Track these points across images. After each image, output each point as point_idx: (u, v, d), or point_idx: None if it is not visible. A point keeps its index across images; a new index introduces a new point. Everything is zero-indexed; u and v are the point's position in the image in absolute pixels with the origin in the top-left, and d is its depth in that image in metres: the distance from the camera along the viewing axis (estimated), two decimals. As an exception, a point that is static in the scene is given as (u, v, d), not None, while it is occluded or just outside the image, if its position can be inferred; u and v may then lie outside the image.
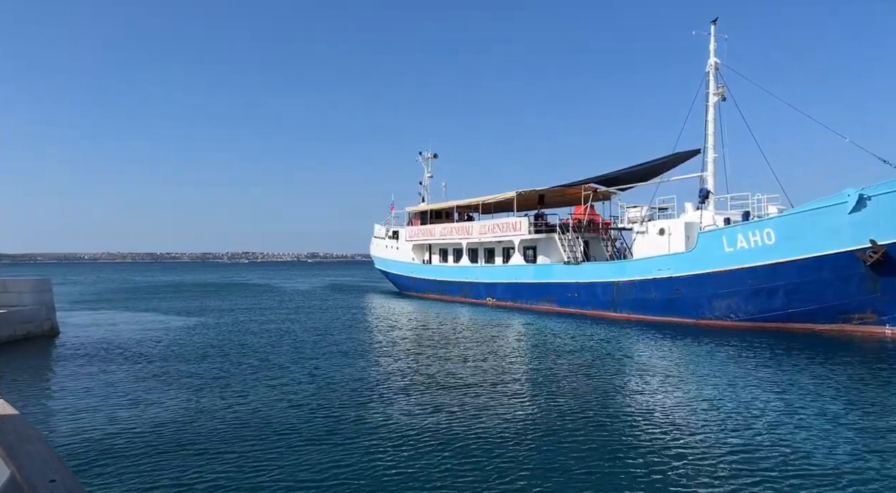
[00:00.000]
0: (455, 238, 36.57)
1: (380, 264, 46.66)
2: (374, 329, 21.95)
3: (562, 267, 28.17)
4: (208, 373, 13.40)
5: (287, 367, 14.21)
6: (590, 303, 26.64)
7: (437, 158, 44.87)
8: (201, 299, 39.48)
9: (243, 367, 14.12)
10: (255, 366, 14.23)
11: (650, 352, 16.57)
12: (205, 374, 13.28)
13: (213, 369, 13.94)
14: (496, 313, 28.36)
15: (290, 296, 41.97)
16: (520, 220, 31.42)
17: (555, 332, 20.99)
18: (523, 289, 30.47)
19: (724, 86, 24.71)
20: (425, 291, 39.48)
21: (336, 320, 24.91)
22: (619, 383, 12.29)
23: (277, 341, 18.69)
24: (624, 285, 24.99)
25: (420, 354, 16.18)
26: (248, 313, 28.76)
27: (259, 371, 13.54)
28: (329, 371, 13.55)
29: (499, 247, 34.15)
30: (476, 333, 20.90)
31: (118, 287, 56.39)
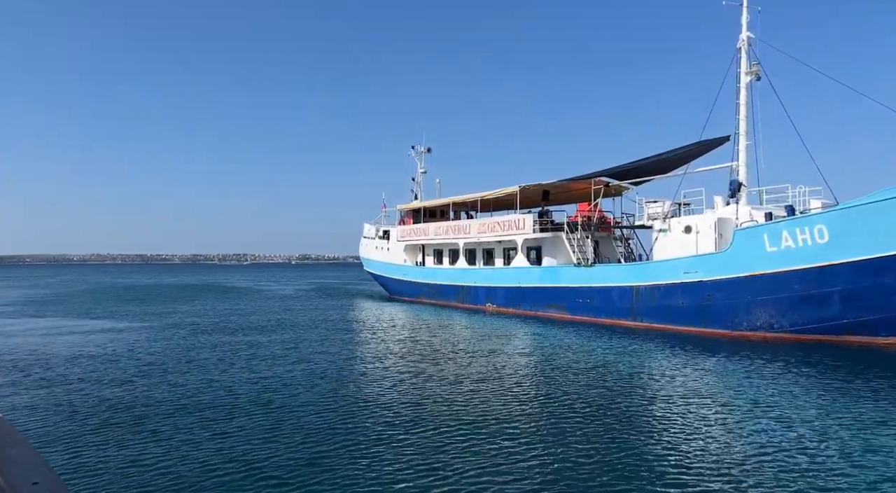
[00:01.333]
0: (451, 238, 33.41)
1: (369, 266, 43.41)
2: (355, 342, 18.75)
3: (572, 270, 25.06)
4: (119, 406, 10.15)
5: (234, 392, 11.00)
6: (604, 310, 23.54)
7: (430, 152, 41.76)
8: (171, 303, 36.09)
9: (169, 399, 10.86)
10: (185, 397, 10.97)
11: (680, 372, 13.79)
12: (115, 408, 10.04)
13: (128, 399, 10.69)
14: (497, 320, 25.24)
15: (270, 301, 38.64)
16: (523, 217, 28.30)
17: (565, 345, 17.93)
18: (527, 294, 27.35)
19: (759, 64, 21.73)
20: (418, 295, 36.28)
21: (312, 330, 21.67)
22: (648, 418, 9.74)
23: (231, 357, 15.43)
24: (645, 291, 21.91)
25: (406, 375, 13.05)
26: (212, 321, 25.46)
27: (186, 405, 10.30)
28: (286, 404, 10.35)
29: (499, 247, 31.03)
30: (474, 346, 17.78)
31: (87, 290, 52.80)
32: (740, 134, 21.83)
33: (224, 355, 15.85)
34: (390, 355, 16.09)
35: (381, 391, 11.51)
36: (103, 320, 25.85)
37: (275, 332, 21.18)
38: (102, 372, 13.38)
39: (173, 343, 18.28)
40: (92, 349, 16.99)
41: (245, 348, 17.09)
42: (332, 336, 19.97)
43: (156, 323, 24.19)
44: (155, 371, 13.55)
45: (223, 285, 61.44)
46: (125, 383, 12.21)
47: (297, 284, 65.18)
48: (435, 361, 15.01)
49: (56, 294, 46.96)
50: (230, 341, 18.65)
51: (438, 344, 18.06)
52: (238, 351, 16.57)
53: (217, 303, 36.44)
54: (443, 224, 34.63)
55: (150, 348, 17.37)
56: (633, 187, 28.84)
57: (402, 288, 38.40)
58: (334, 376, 13.04)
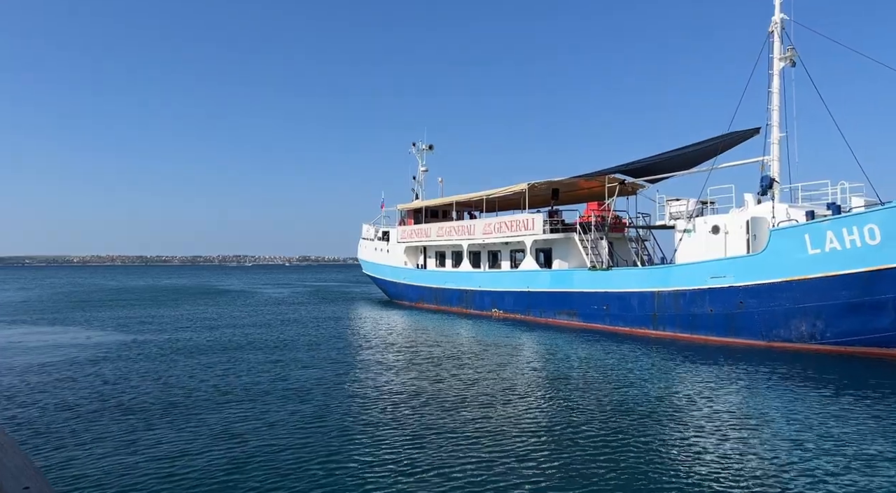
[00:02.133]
0: (454, 239, 31.48)
1: (368, 268, 41.48)
2: (347, 355, 16.81)
3: (586, 273, 23.12)
4: (103, 411, 8.24)
5: (200, 421, 9.07)
6: (622, 318, 21.59)
7: (432, 150, 39.86)
8: (156, 307, 34.16)
9: (129, 418, 8.94)
10: (140, 417, 9.05)
11: (710, 389, 12.04)
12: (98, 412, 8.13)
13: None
14: (503, 327, 23.30)
15: (262, 305, 36.70)
16: (532, 217, 26.37)
17: (580, 357, 16.02)
18: (537, 299, 25.40)
19: (794, 48, 19.81)
20: (419, 299, 34.34)
21: (299, 340, 19.71)
22: (679, 446, 8.21)
23: (201, 374, 13.48)
24: (668, 297, 19.97)
25: (401, 397, 11.11)
26: (195, 328, 23.53)
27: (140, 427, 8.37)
28: (257, 435, 8.41)
29: (506, 249, 29.09)
30: (479, 359, 15.87)
31: (73, 292, 50.90)
32: (773, 125, 19.90)
33: (192, 374, 13.91)
34: (385, 371, 14.16)
35: (373, 420, 9.58)
36: (109, 332, 24.00)
37: (256, 344, 19.25)
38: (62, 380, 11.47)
39: (140, 354, 16.37)
40: (55, 358, 15.07)
41: (219, 365, 15.15)
42: (322, 348, 18.03)
43: (158, 336, 22.29)
44: (104, 391, 11.63)
45: (216, 288, 59.55)
46: (93, 392, 10.29)
47: (294, 287, 63.22)
48: (436, 378, 13.08)
49: (60, 296, 45.09)
50: (203, 358, 16.72)
51: (440, 357, 16.13)
52: (211, 367, 14.64)
53: (203, 309, 34.50)
54: (445, 225, 32.71)
55: (108, 364, 15.45)
56: (648, 185, 26.96)
57: (402, 292, 36.47)
58: (319, 400, 11.10)
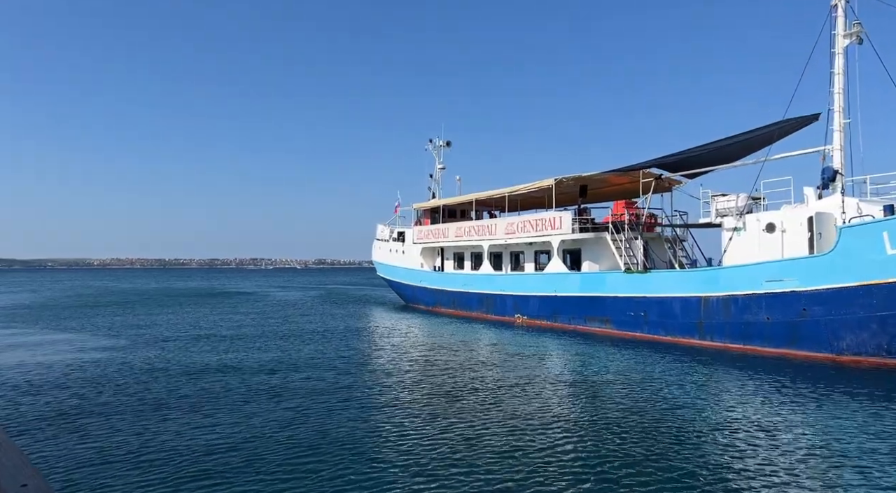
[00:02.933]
0: (474, 240, 29.52)
1: (382, 270, 39.64)
2: (356, 366, 14.93)
3: (621, 276, 21.02)
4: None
5: (176, 419, 7.23)
6: (662, 326, 19.47)
7: (450, 146, 37.93)
8: (162, 312, 32.63)
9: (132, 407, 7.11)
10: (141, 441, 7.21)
11: (776, 412, 10.05)
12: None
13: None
14: (528, 335, 21.30)
15: (272, 308, 35.00)
16: (560, 215, 24.32)
17: (617, 369, 14.06)
18: (565, 304, 23.34)
19: (860, 23, 17.60)
20: (436, 304, 32.41)
21: (305, 346, 17.88)
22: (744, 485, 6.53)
23: (185, 386, 11.68)
24: (717, 303, 17.82)
25: (415, 419, 9.26)
26: (191, 335, 21.84)
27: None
28: (253, 461, 6.54)
29: (529, 250, 27.06)
30: (501, 370, 14.02)
31: (81, 295, 49.75)
32: (835, 111, 17.68)
33: (184, 389, 12.11)
34: (398, 385, 12.27)
35: (382, 443, 7.74)
36: (102, 341, 22.47)
37: (261, 348, 17.45)
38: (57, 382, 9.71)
39: (138, 357, 14.63)
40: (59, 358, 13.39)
41: (213, 380, 13.34)
42: (329, 356, 16.17)
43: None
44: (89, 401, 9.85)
45: (226, 291, 58.22)
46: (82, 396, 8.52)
47: (307, 289, 61.67)
48: (454, 396, 11.19)
49: (66, 299, 43.95)
50: (200, 364, 14.94)
51: (458, 369, 14.20)
52: (199, 379, 12.84)
53: (211, 312, 32.90)
54: (464, 224, 30.77)
55: (108, 366, 13.72)
56: (685, 181, 24.79)
57: (418, 296, 34.57)
58: (321, 417, 9.24)
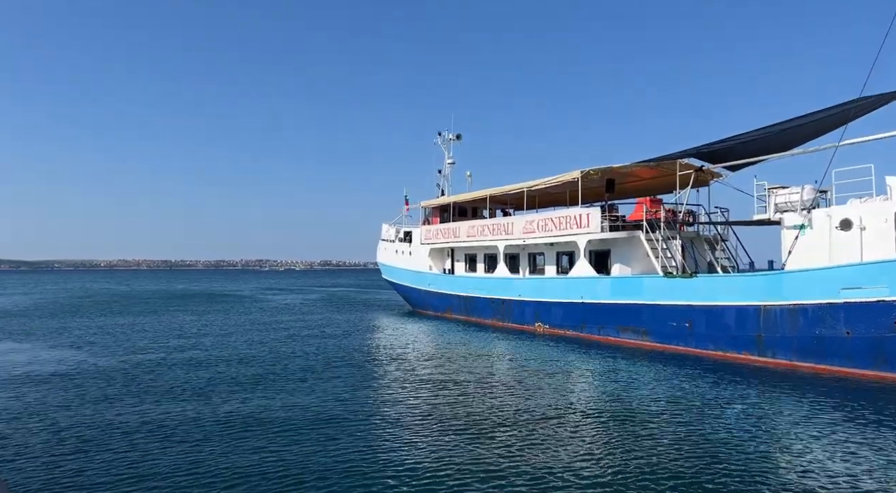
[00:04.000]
0: (487, 240, 26.91)
1: (387, 273, 37.07)
2: (353, 374, 12.36)
3: (661, 281, 18.36)
4: None
5: None
6: (712, 339, 16.80)
7: (460, 140, 35.37)
8: (145, 315, 30.16)
9: None
10: None
11: (877, 452, 7.62)
12: None
13: None
14: (550, 347, 18.71)
15: (268, 314, 32.45)
16: (587, 212, 21.66)
17: (664, 393, 11.54)
18: (593, 312, 20.69)
19: (951, -17, 14.86)
20: (446, 309, 29.81)
21: (296, 357, 15.29)
22: None
23: (127, 420, 9.13)
24: (780, 313, 15.14)
25: (418, 442, 6.79)
26: (174, 345, 19.33)
27: None
28: None
29: (550, 252, 24.41)
30: (523, 393, 11.58)
31: (72, 297, 47.41)
32: (920, 87, 14.99)
33: (125, 426, 9.56)
34: (399, 411, 9.77)
35: None
36: (71, 353, 20.05)
37: (241, 361, 14.89)
38: None
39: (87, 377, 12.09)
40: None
41: (168, 400, 10.78)
42: (320, 370, 13.59)
43: (116, 360, 18.20)
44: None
45: (225, 293, 55.88)
46: None
47: (309, 292, 59.20)
48: (465, 429, 8.71)
49: (55, 302, 41.65)
50: (156, 388, 12.38)
51: (473, 393, 11.65)
52: (160, 403, 10.29)
53: (199, 318, 30.40)
54: (477, 223, 28.17)
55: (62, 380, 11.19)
56: (727, 174, 22.11)
57: (426, 300, 31.98)
58: (300, 463, 6.66)
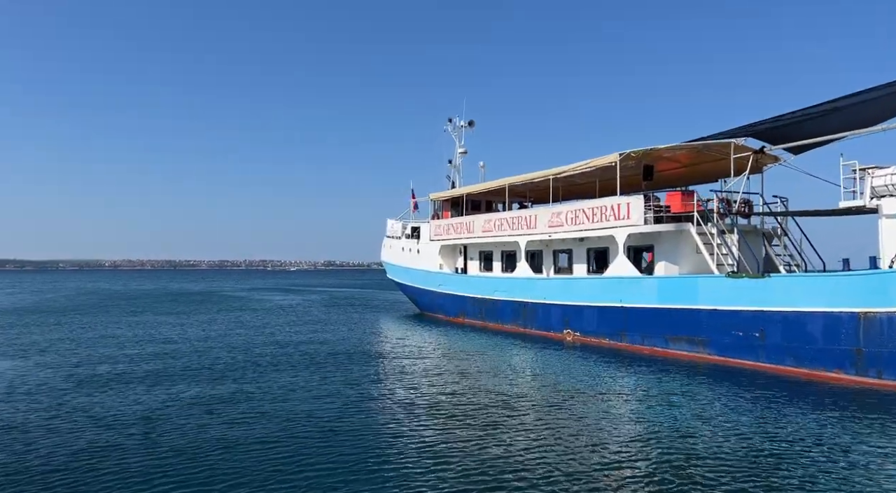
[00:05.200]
0: (506, 235, 23.94)
1: (393, 272, 34.12)
2: (348, 391, 9.38)
3: (723, 283, 15.36)
4: None
5: None
6: (791, 352, 13.79)
7: (472, 127, 32.34)
8: (119, 322, 27.29)
9: None
10: None
11: None
12: None
13: None
14: (584, 360, 15.79)
15: (260, 316, 29.50)
16: (627, 200, 18.64)
17: (741, 426, 8.56)
18: (636, 318, 17.71)
19: None
20: (459, 313, 26.86)
21: (280, 375, 12.36)
22: None
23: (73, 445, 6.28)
24: (887, 323, 12.14)
25: None
26: (148, 354, 16.43)
27: None
28: None
29: (580, 248, 21.42)
30: (555, 424, 8.58)
31: (59, 298, 44.67)
32: None
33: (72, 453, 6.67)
34: (402, 437, 6.81)
35: None
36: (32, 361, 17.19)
37: (221, 374, 11.96)
38: None
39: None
40: None
41: (131, 423, 7.88)
42: (307, 394, 10.64)
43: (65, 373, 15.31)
44: None
45: (229, 295, 53.21)
46: None
47: (308, 293, 56.33)
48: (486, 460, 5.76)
49: (42, 302, 38.94)
50: (117, 404, 9.48)
51: (495, 424, 8.80)
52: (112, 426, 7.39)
53: (183, 318, 27.52)
54: (494, 216, 25.21)
55: None
56: (788, 157, 19.12)
57: (436, 303, 29.02)
58: None
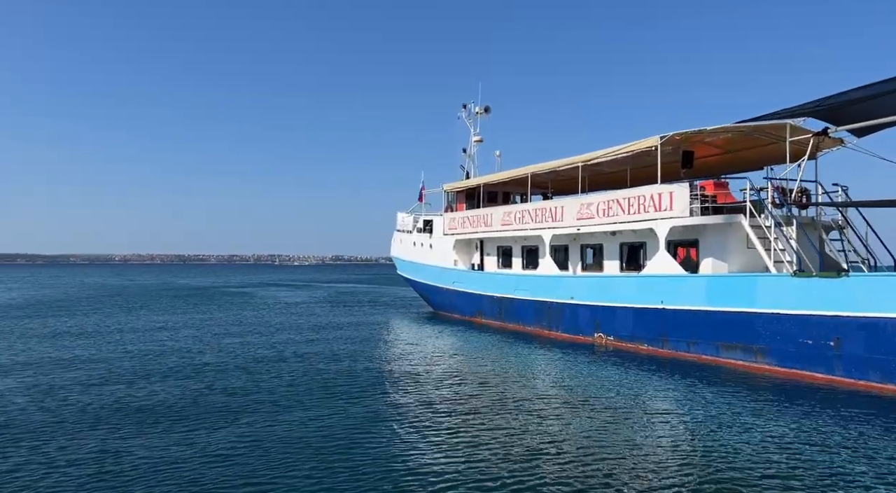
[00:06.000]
0: (529, 228, 21.91)
1: (404, 268, 32.16)
2: (349, 405, 7.42)
3: (788, 282, 13.27)
4: None
5: None
6: (876, 366, 11.71)
7: (488, 113, 30.27)
8: (118, 314, 25.54)
9: None
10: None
11: None
12: None
13: None
14: (620, 369, 13.83)
15: (262, 313, 27.66)
16: (670, 189, 16.52)
17: (836, 469, 6.39)
18: (681, 322, 15.65)
19: None
20: (475, 313, 24.89)
21: (273, 383, 10.46)
22: None
23: None
24: None
25: None
26: (127, 362, 14.60)
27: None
28: None
29: (612, 243, 19.35)
30: (589, 452, 6.48)
31: (56, 293, 43.15)
32: None
33: None
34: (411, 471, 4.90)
35: None
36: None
37: (197, 380, 10.08)
38: None
39: None
40: None
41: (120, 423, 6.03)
42: (303, 396, 8.73)
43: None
44: None
45: (227, 290, 51.63)
46: None
47: (314, 289, 54.58)
48: None
49: (43, 297, 37.41)
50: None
51: (520, 453, 6.72)
52: None
53: (179, 316, 25.71)
54: (515, 208, 23.17)
55: None
56: (851, 140, 16.98)
57: (450, 301, 27.05)
58: None
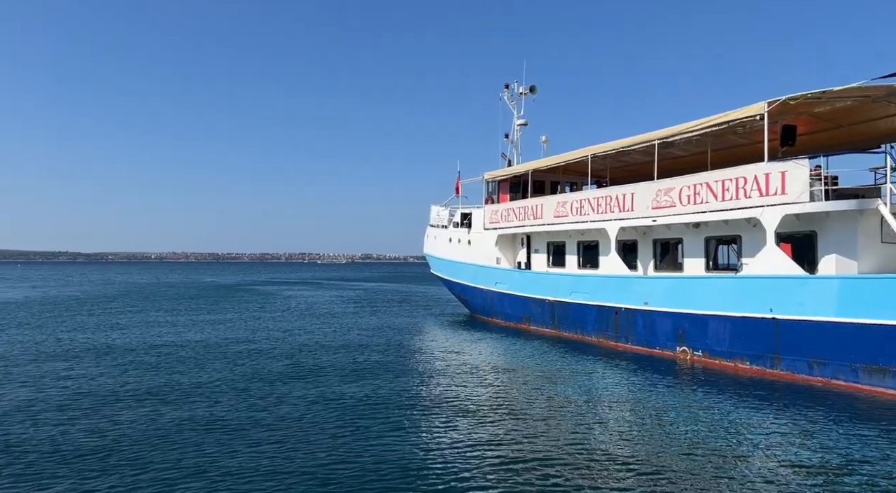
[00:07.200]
0: (588, 221, 18.64)
1: (438, 267, 29.15)
2: (373, 435, 4.48)
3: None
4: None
5: None
6: None
7: (534, 93, 26.99)
8: (136, 317, 23.12)
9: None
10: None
11: None
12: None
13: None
14: (714, 394, 10.61)
15: (283, 316, 24.96)
16: (781, 168, 13.06)
17: None
18: (799, 336, 12.24)
19: None
20: (523, 318, 21.73)
21: (291, 395, 7.57)
22: None
23: None
24: None
25: None
26: (129, 376, 11.90)
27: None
28: None
29: (695, 237, 15.93)
30: None
31: (77, 292, 41.51)
32: None
33: None
34: None
35: None
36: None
37: (197, 400, 7.25)
38: None
39: None
40: None
41: None
42: (327, 421, 5.82)
43: None
44: None
45: (252, 288, 49.55)
46: None
47: (342, 288, 52.05)
48: None
49: (68, 296, 35.73)
50: None
51: None
52: None
53: (194, 318, 23.16)
54: (572, 197, 19.93)
55: None
56: None
57: (493, 305, 23.91)
58: None
